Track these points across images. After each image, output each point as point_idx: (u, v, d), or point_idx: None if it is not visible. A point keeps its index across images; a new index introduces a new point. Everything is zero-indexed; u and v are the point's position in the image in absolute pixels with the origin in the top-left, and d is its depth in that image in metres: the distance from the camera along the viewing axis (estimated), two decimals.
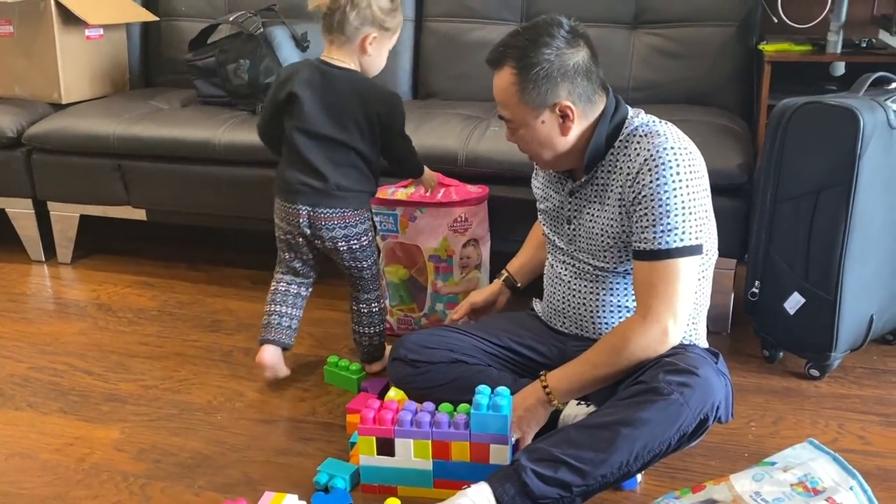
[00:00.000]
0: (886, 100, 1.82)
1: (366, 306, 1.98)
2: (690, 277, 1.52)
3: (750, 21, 2.53)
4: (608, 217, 1.59)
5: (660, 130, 1.54)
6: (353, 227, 1.89)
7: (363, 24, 1.81)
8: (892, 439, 1.71)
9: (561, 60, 1.50)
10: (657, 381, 1.42)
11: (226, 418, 1.85)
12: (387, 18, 1.84)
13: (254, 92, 2.56)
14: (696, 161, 1.53)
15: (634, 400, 1.42)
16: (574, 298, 1.69)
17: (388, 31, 1.86)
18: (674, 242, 1.49)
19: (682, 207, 1.49)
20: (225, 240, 2.96)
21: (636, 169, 1.52)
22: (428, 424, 1.52)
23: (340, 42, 1.83)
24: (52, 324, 2.35)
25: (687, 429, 1.42)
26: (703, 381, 1.42)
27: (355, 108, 1.82)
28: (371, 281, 1.97)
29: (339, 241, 1.89)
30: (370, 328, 1.99)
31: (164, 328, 2.30)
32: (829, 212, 1.81)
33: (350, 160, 1.86)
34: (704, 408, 1.42)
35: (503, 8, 2.73)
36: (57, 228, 2.76)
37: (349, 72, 1.84)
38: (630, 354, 1.50)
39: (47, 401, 1.93)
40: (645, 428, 1.39)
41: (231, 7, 2.92)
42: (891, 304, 1.96)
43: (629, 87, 2.59)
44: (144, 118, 2.58)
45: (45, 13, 2.67)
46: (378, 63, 1.90)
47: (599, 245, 1.61)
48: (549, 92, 1.51)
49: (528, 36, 1.51)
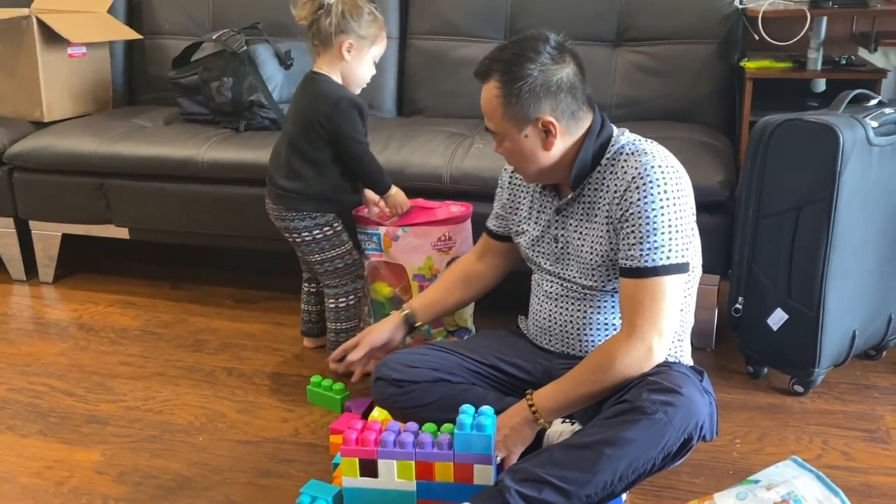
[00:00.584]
0: (865, 117, 1.83)
1: (331, 301, 2.06)
2: (676, 295, 1.52)
3: (731, 38, 2.56)
4: (596, 235, 1.59)
5: (647, 149, 1.54)
6: (302, 221, 1.99)
7: (338, 31, 1.88)
8: (876, 455, 1.71)
9: (545, 76, 1.50)
10: (641, 400, 1.41)
11: (208, 439, 1.83)
12: (362, 25, 1.90)
13: (237, 110, 2.56)
14: (683, 180, 1.54)
15: (618, 419, 1.42)
16: (561, 317, 1.69)
17: (364, 38, 1.91)
18: (660, 260, 1.49)
19: (668, 226, 1.49)
20: (208, 258, 2.95)
21: (624, 187, 1.52)
22: (411, 445, 1.51)
23: (320, 51, 1.93)
24: (33, 344, 2.33)
25: (671, 448, 1.42)
26: (687, 401, 1.42)
27: (310, 110, 1.92)
28: (332, 276, 2.02)
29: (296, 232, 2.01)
30: (337, 324, 2.06)
31: (146, 348, 2.28)
32: (811, 228, 1.82)
33: (307, 161, 1.95)
34: (688, 427, 1.42)
35: (487, 26, 2.74)
36: (39, 247, 2.73)
37: (320, 76, 1.93)
38: (615, 373, 1.50)
39: (27, 423, 1.91)
40: (629, 448, 1.39)
41: (215, 25, 2.92)
42: (873, 319, 1.97)
43: (612, 104, 2.61)
44: (127, 136, 2.57)
45: (28, 31, 2.66)
46: (359, 72, 1.95)
47: (588, 263, 1.61)
48: (531, 107, 1.51)
49: (514, 50, 1.53)
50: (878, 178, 1.84)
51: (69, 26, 2.72)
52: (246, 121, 2.55)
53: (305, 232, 2.00)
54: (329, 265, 2.02)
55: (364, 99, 1.94)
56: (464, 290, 1.88)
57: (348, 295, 2.06)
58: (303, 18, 1.91)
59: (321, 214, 1.99)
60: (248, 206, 2.40)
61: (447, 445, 1.50)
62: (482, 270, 1.88)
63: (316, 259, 2.02)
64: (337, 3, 1.89)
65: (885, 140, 1.83)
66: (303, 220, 1.99)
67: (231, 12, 2.92)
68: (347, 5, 1.90)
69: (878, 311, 1.98)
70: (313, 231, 1.99)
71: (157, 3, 3.05)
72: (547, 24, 2.60)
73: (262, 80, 2.53)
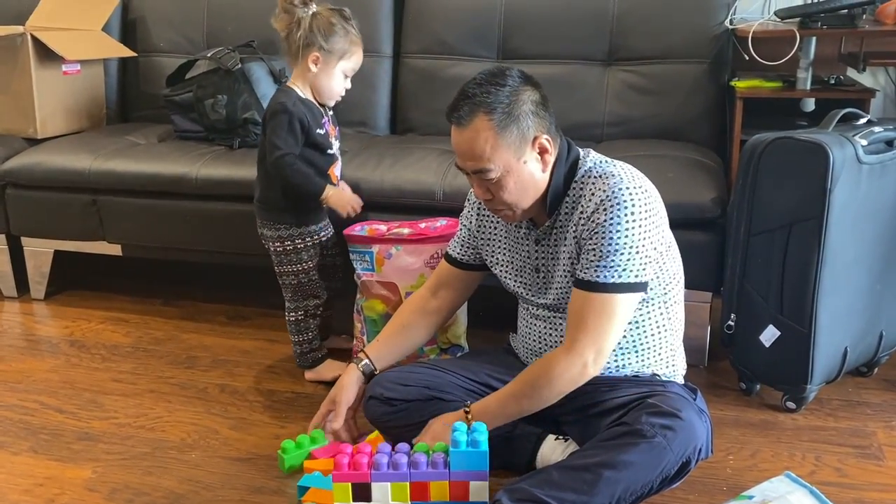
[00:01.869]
0: (854, 135, 1.86)
1: (286, 313, 2.13)
2: (624, 314, 1.51)
3: (721, 58, 2.58)
4: (567, 258, 1.58)
5: (614, 171, 1.54)
6: (266, 230, 2.07)
7: (306, 44, 1.94)
8: (869, 471, 1.71)
9: (522, 97, 1.50)
10: (640, 423, 1.41)
11: (200, 456, 1.82)
12: (329, 39, 1.95)
13: (231, 127, 2.57)
14: (651, 199, 1.53)
15: (617, 442, 1.42)
16: (550, 338, 1.69)
17: (331, 52, 1.96)
18: (611, 277, 1.49)
19: (629, 247, 1.49)
20: (201, 275, 2.94)
21: (591, 209, 1.51)
22: (405, 466, 1.50)
23: (291, 64, 2.00)
24: (24, 361, 2.31)
25: (669, 472, 1.42)
26: (686, 425, 1.42)
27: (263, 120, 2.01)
28: (285, 289, 2.11)
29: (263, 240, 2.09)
30: (292, 336, 2.14)
31: (138, 365, 2.27)
32: (802, 245, 1.83)
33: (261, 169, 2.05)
34: (687, 451, 1.42)
35: (480, 45, 2.76)
36: (31, 264, 2.72)
37: (284, 88, 2.01)
38: (551, 387, 1.51)
39: (17, 440, 1.90)
40: (627, 471, 1.39)
41: (209, 43, 2.93)
42: (864, 336, 1.98)
43: (604, 123, 2.63)
44: (120, 153, 2.57)
45: (23, 48, 2.67)
46: (329, 85, 2.00)
47: (568, 287, 1.60)
48: (526, 127, 1.50)
49: (483, 87, 1.49)
50: (867, 196, 1.86)
51: (64, 43, 2.72)
52: (240, 138, 2.56)
53: (268, 242, 2.09)
54: (284, 279, 2.10)
55: (357, 117, 1.96)
56: (420, 331, 1.82)
57: (297, 311, 2.12)
58: (280, 30, 1.99)
59: (283, 227, 2.05)
60: (241, 223, 2.40)
61: (443, 464, 1.50)
62: (437, 306, 1.82)
63: (275, 270, 2.11)
64: (307, 17, 1.95)
65: (875, 158, 1.85)
66: (267, 229, 2.07)
67: (225, 30, 2.94)
68: (318, 20, 1.95)
69: (869, 328, 1.99)
70: (274, 243, 2.07)
71: (151, 20, 3.06)
72: (539, 44, 2.68)
73: (256, 98, 2.54)
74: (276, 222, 2.05)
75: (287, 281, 2.10)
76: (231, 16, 2.97)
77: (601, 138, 2.62)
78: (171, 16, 3.04)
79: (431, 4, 2.82)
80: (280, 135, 1.94)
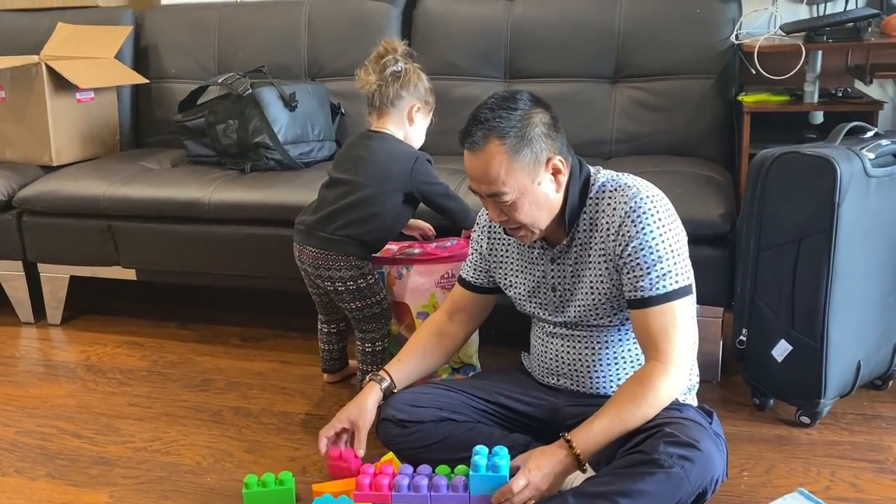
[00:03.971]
0: (862, 148, 1.86)
1: (366, 345, 2.09)
2: (688, 319, 1.54)
3: (728, 73, 2.59)
4: (595, 275, 1.59)
5: (629, 183, 1.57)
6: (347, 270, 2.00)
7: (409, 96, 2.01)
8: (885, 486, 1.70)
9: (533, 120, 1.52)
10: (658, 452, 1.40)
11: (215, 479, 1.83)
12: (426, 93, 2.05)
13: (243, 151, 2.60)
14: (668, 204, 1.57)
15: (634, 470, 1.41)
16: (569, 356, 1.69)
17: (428, 104, 2.07)
18: (669, 286, 1.51)
19: (670, 251, 1.52)
20: (215, 298, 2.97)
21: (618, 223, 1.54)
22: (426, 488, 1.51)
23: (384, 112, 2.02)
24: (41, 386, 2.34)
25: (685, 502, 1.41)
26: (704, 456, 1.41)
27: (388, 164, 1.99)
28: (369, 321, 2.06)
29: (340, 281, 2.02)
30: (366, 367, 2.09)
31: (153, 388, 2.29)
32: (812, 259, 1.83)
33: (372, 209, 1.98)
34: (704, 482, 1.41)
35: (487, 65, 2.78)
36: (47, 290, 2.75)
37: (387, 135, 2.03)
38: (657, 400, 1.49)
39: (35, 465, 1.91)
40: (643, 500, 1.38)
41: (220, 69, 2.97)
42: (878, 349, 1.97)
43: (612, 140, 2.64)
44: (134, 179, 2.60)
45: (37, 78, 2.71)
46: (420, 135, 2.08)
47: (590, 304, 1.61)
48: (541, 150, 1.52)
49: (495, 111, 1.51)
50: (877, 209, 1.86)
51: (77, 72, 2.77)
52: (252, 162, 2.59)
53: (350, 281, 1.99)
54: (367, 311, 2.04)
55: None
56: (438, 353, 1.83)
57: (383, 339, 2.08)
58: (370, 84, 1.99)
59: (364, 262, 2.00)
60: (255, 246, 2.43)
61: (462, 488, 1.50)
62: (454, 331, 1.83)
63: (355, 306, 2.03)
64: (409, 71, 2.01)
65: (882, 171, 1.85)
66: (349, 269, 1.98)
67: (236, 56, 2.98)
68: (414, 75, 2.02)
69: (883, 341, 1.98)
70: (357, 280, 2.00)
71: (163, 48, 3.11)
72: (546, 63, 2.69)
73: (267, 122, 2.57)
74: (365, 258, 2.01)
75: (372, 312, 2.04)
76: (241, 42, 3.01)
77: (609, 155, 2.63)
78: (182, 43, 3.09)
79: (439, 26, 2.85)
80: (436, 178, 2.05)
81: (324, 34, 2.94)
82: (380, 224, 1.99)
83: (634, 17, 2.65)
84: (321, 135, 2.70)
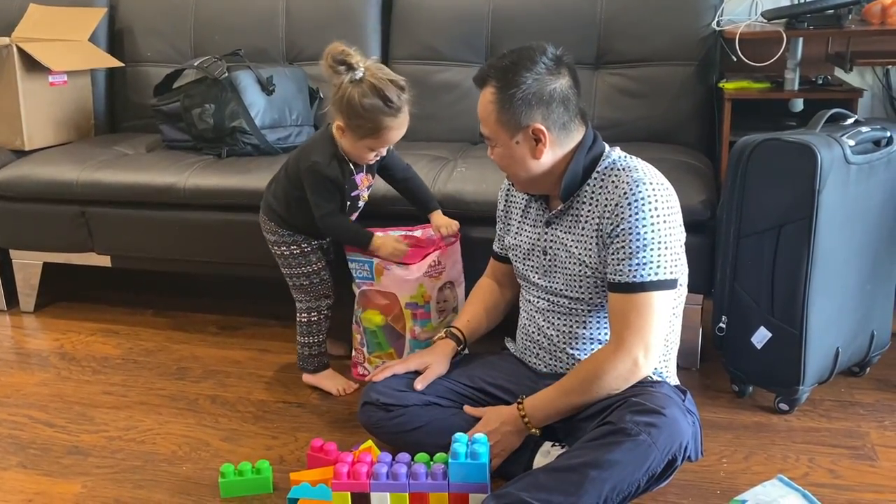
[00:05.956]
0: (842, 136, 1.85)
1: (299, 315, 2.13)
2: (663, 311, 1.54)
3: (709, 60, 2.58)
4: (584, 248, 1.60)
5: (638, 166, 1.58)
6: (276, 235, 2.08)
7: (336, 109, 1.90)
8: (863, 472, 1.71)
9: (539, 85, 1.54)
10: (624, 421, 1.41)
11: (191, 468, 1.80)
12: (352, 118, 1.86)
13: (219, 136, 2.56)
14: (672, 197, 1.57)
15: (602, 441, 1.41)
16: (548, 330, 1.70)
17: (353, 131, 1.89)
18: (648, 276, 1.51)
19: (658, 242, 1.51)
20: (191, 285, 2.93)
21: (615, 201, 1.54)
22: (405, 476, 1.50)
23: None
24: (13, 375, 2.30)
25: (655, 469, 1.41)
26: (670, 421, 1.42)
27: (300, 155, 2.03)
28: (297, 291, 2.12)
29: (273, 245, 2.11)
30: (302, 338, 2.13)
31: (128, 377, 2.26)
32: (792, 246, 1.83)
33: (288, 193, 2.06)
34: (672, 448, 1.42)
35: (468, 50, 2.76)
36: (19, 277, 2.71)
37: (326, 131, 1.99)
38: (602, 384, 1.53)
39: (6, 455, 1.88)
40: (613, 470, 1.38)
41: (196, 52, 2.92)
42: (856, 336, 1.98)
43: (593, 126, 2.62)
44: (109, 164, 2.56)
45: (8, 60, 2.65)
46: (354, 154, 1.97)
47: (575, 275, 1.63)
48: (524, 114, 1.54)
49: (511, 59, 1.56)
50: (856, 197, 1.86)
51: (50, 54, 2.71)
52: (228, 147, 2.55)
53: (274, 246, 2.10)
54: (296, 281, 2.11)
55: None
56: (501, 310, 1.91)
57: (310, 311, 2.12)
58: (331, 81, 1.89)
59: (283, 230, 2.07)
60: (231, 232, 2.39)
61: (442, 475, 1.49)
62: (505, 292, 1.91)
63: (284, 273, 2.12)
64: (347, 85, 1.84)
65: (862, 158, 1.85)
66: (271, 233, 2.09)
67: (213, 39, 2.93)
68: (355, 93, 1.83)
69: (861, 328, 1.99)
70: (280, 247, 2.09)
71: (138, 30, 3.05)
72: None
73: (244, 107, 2.53)
74: (279, 226, 2.07)
75: (299, 283, 2.10)
76: (218, 25, 2.96)
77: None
78: (157, 25, 3.03)
79: (419, 10, 2.82)
80: (322, 194, 1.98)
81: (302, 17, 2.90)
82: (283, 204, 2.06)
83: (616, 3, 2.63)
84: (299, 119, 2.67)
